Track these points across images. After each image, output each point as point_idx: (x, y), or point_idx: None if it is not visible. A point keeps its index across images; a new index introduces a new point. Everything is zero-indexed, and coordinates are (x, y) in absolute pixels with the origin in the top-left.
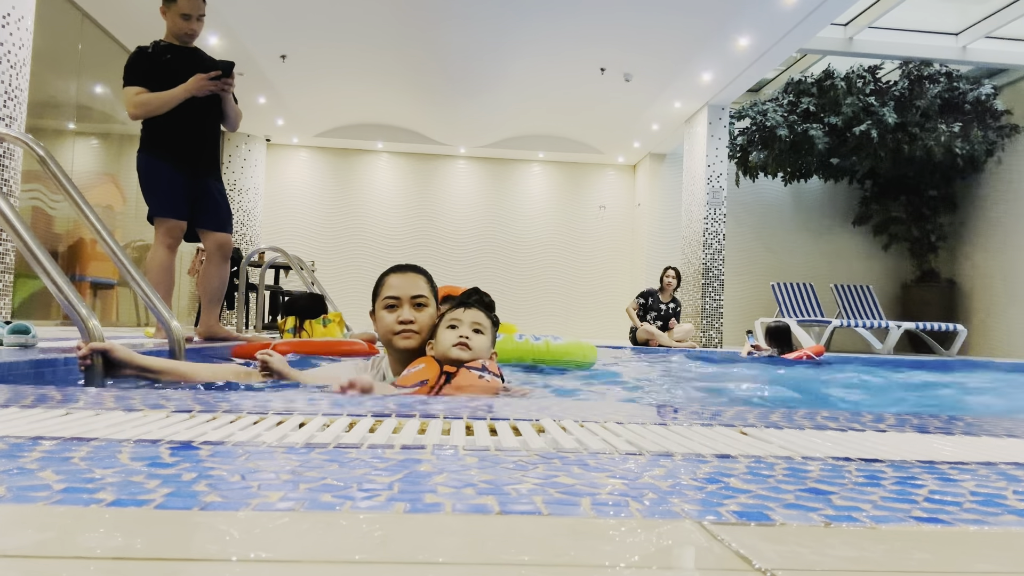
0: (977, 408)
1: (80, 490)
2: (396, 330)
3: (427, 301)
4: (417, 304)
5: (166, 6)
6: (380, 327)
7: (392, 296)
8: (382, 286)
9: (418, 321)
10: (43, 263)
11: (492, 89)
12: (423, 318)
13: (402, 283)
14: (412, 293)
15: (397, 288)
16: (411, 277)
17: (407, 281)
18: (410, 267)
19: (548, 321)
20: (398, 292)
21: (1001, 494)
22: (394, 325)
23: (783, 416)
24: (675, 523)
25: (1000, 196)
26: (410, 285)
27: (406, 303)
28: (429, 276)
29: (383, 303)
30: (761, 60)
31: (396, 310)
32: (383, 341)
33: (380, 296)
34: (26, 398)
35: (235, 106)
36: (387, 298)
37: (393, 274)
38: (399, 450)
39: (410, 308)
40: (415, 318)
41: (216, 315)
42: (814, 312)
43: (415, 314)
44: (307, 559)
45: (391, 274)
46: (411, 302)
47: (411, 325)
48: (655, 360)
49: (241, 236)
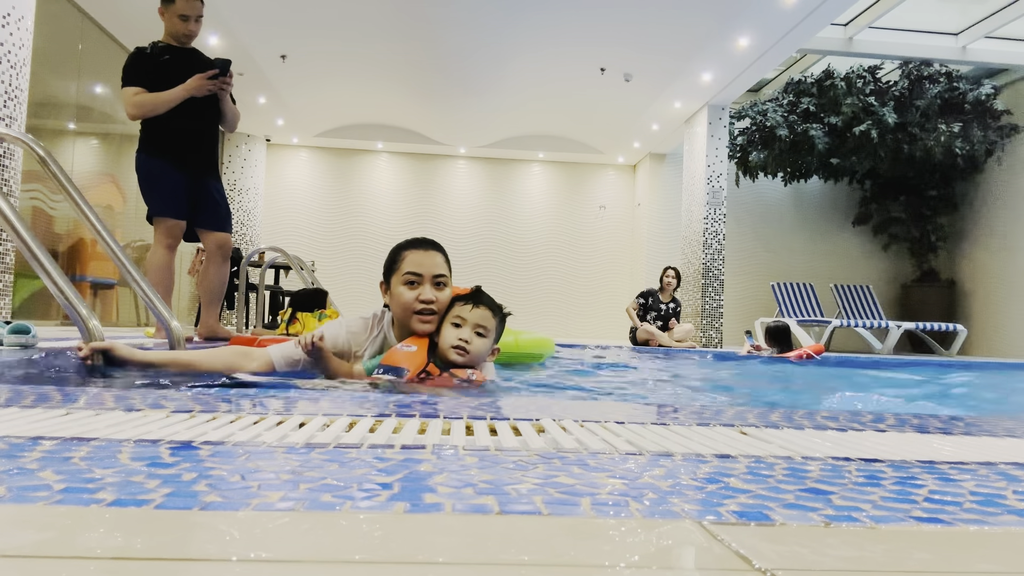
0: (977, 408)
1: (80, 490)
2: (416, 308)
3: (447, 280)
4: (438, 283)
5: (164, 7)
6: (397, 303)
7: (414, 272)
8: (402, 260)
9: (439, 301)
10: (43, 263)
11: (492, 89)
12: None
13: (425, 260)
14: (435, 272)
15: (419, 265)
16: (433, 255)
17: (430, 259)
18: (430, 243)
19: (548, 321)
20: (420, 269)
21: (1001, 494)
22: (414, 303)
23: (783, 416)
24: (675, 523)
25: (1000, 196)
26: (432, 263)
27: (428, 281)
28: (447, 254)
29: (403, 278)
30: (761, 60)
31: (417, 288)
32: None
33: (399, 270)
34: (26, 398)
35: (233, 106)
36: (408, 273)
37: (414, 249)
38: (399, 450)
39: (431, 287)
40: (436, 298)
41: (216, 315)
42: (814, 312)
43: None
44: (307, 559)
45: (412, 249)
46: (432, 281)
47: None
48: (655, 360)
49: (241, 236)
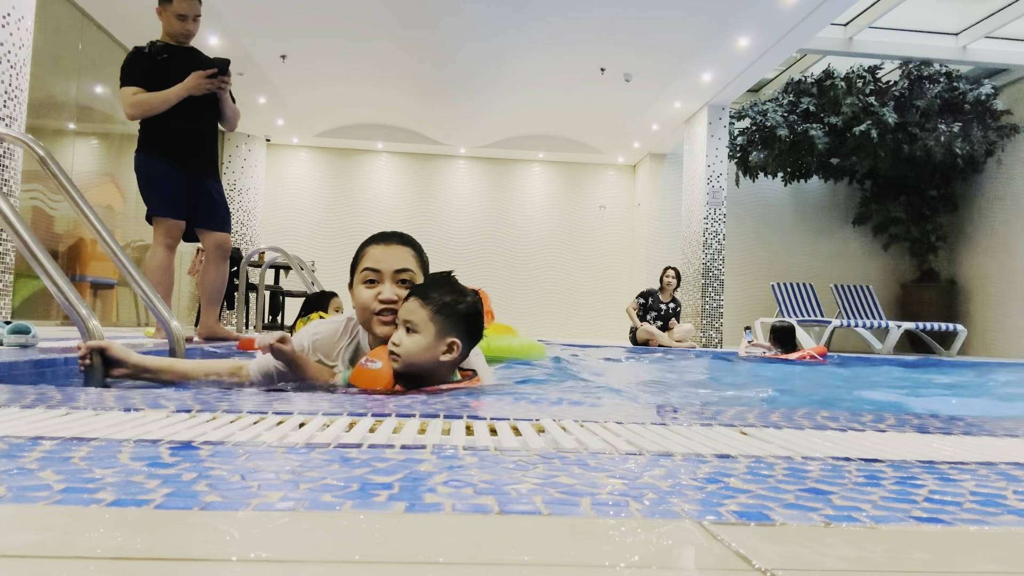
0: (977, 408)
1: (80, 490)
2: (375, 309)
3: (414, 277)
4: (401, 280)
5: (162, 7)
6: (357, 303)
7: (372, 268)
8: (362, 256)
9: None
10: (43, 263)
11: (492, 89)
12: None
13: (384, 255)
14: (396, 267)
15: (378, 260)
16: (396, 249)
17: (390, 253)
18: (396, 235)
19: (548, 321)
20: (379, 265)
21: (1001, 494)
22: (373, 303)
23: (783, 416)
24: (675, 523)
25: (1000, 196)
26: (394, 257)
27: (387, 278)
28: (418, 248)
29: (361, 276)
30: (761, 60)
31: (376, 286)
32: (360, 320)
33: (359, 267)
34: (26, 398)
35: (233, 105)
36: (366, 270)
37: (375, 244)
38: (399, 450)
39: (392, 284)
40: (399, 296)
41: (216, 315)
42: (814, 312)
43: (398, 291)
44: (307, 559)
45: (372, 244)
46: (393, 278)
47: (394, 305)
48: (655, 360)
49: (241, 236)
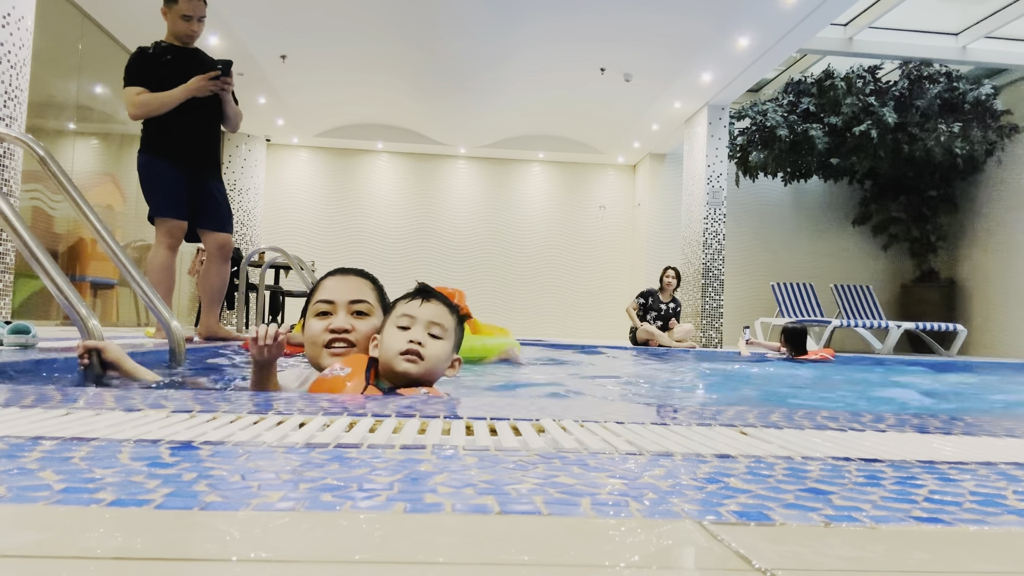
0: (977, 408)
1: (80, 490)
2: (324, 341)
3: (370, 310)
4: (357, 312)
5: (167, 7)
6: (306, 337)
7: (325, 300)
8: (316, 290)
9: (356, 331)
10: (43, 263)
11: (492, 89)
12: (363, 328)
13: (339, 286)
14: (351, 297)
15: (331, 291)
16: (352, 280)
17: (346, 283)
18: (352, 269)
19: (548, 322)
20: (332, 295)
21: (1001, 494)
22: (322, 335)
23: (783, 416)
24: (675, 523)
25: (1000, 196)
26: (350, 287)
27: (342, 308)
28: (379, 284)
29: (313, 309)
30: (761, 60)
31: (328, 317)
32: (308, 356)
33: (311, 301)
34: (26, 398)
35: (235, 106)
36: (320, 302)
37: (330, 277)
38: (399, 450)
39: (347, 315)
40: (352, 327)
41: (216, 315)
42: (814, 312)
43: (353, 322)
44: (307, 559)
45: (328, 277)
46: (348, 308)
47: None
48: (655, 360)
49: (241, 236)
